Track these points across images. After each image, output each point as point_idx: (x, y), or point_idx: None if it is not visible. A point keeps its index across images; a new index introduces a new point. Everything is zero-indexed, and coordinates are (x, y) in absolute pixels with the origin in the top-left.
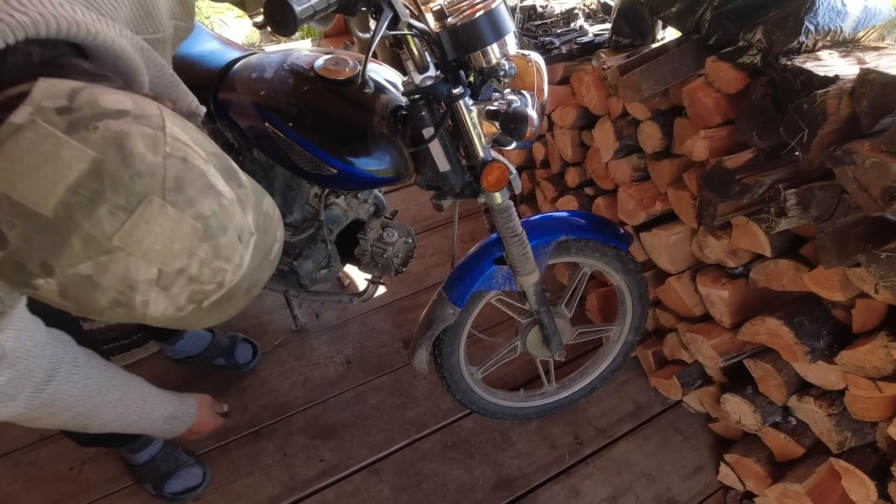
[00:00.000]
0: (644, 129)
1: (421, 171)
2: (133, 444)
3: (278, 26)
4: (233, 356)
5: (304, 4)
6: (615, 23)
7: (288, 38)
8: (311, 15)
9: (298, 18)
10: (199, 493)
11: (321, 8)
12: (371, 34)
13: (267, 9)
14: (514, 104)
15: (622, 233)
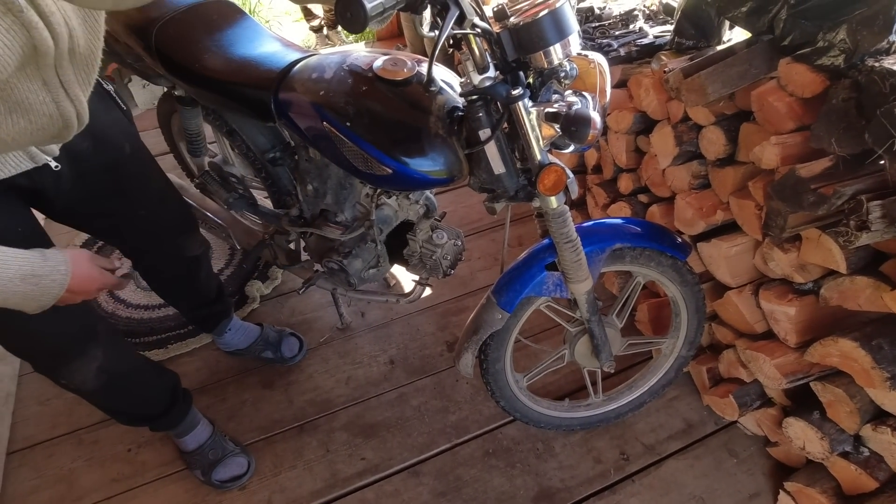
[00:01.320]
0: (707, 134)
1: (475, 173)
2: (176, 427)
3: (349, 23)
4: (279, 350)
5: (374, 2)
6: (678, 24)
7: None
8: (381, 12)
9: (369, 15)
10: (244, 482)
11: (390, 5)
12: (437, 33)
13: (338, 6)
14: (574, 106)
15: (680, 242)
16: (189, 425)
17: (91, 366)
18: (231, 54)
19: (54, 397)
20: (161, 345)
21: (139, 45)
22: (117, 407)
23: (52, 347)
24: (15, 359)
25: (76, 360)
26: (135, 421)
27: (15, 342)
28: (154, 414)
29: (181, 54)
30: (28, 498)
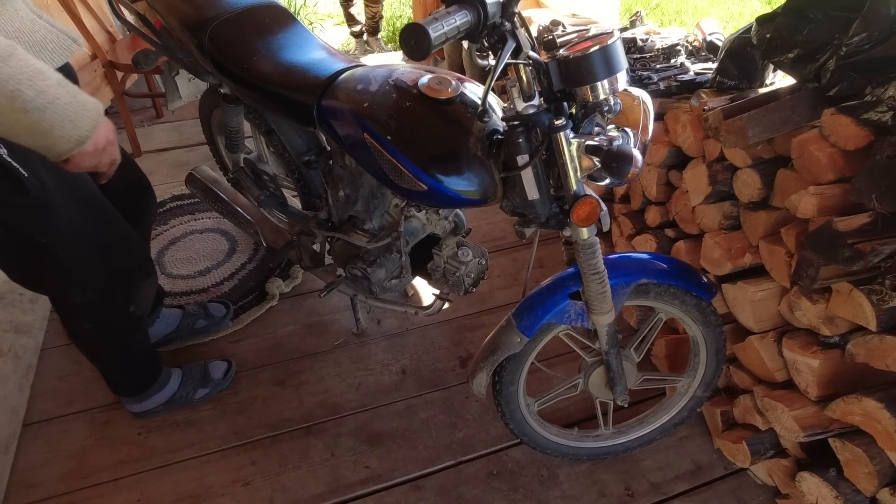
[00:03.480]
0: (742, 176)
1: (508, 197)
2: (151, 389)
3: (413, 51)
4: (209, 313)
5: (438, 31)
6: (721, 63)
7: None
8: (443, 41)
9: (433, 44)
10: (234, 374)
11: (452, 35)
12: (494, 64)
13: (404, 34)
14: (616, 141)
15: (706, 282)
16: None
17: (150, 292)
18: (279, 58)
19: (72, 374)
20: None
21: (192, 42)
22: (146, 347)
23: (138, 258)
24: (39, 331)
25: (147, 279)
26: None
27: (113, 255)
28: None
29: (232, 54)
30: (39, 471)
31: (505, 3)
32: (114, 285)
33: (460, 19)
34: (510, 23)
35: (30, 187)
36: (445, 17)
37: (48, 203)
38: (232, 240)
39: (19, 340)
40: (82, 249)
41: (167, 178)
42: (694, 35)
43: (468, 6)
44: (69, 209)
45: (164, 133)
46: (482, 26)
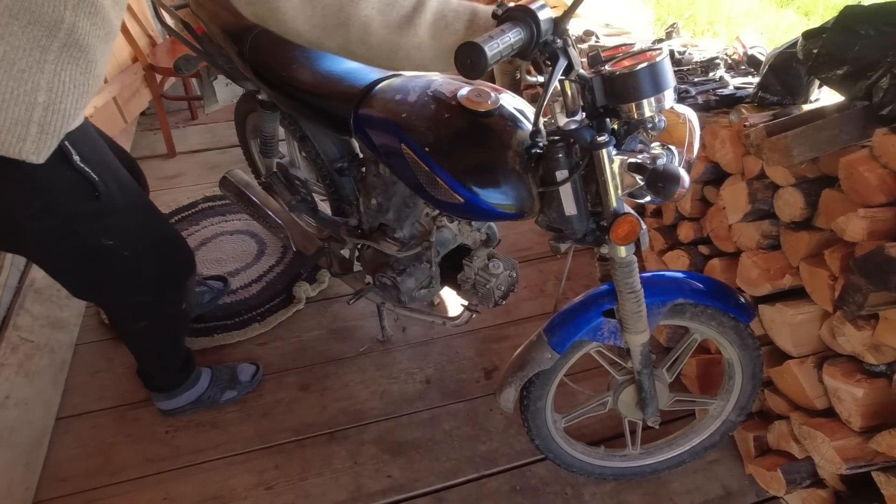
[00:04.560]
0: (784, 195)
1: (544, 212)
2: None
3: (468, 69)
4: (210, 287)
5: (494, 50)
6: (764, 78)
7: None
8: (498, 60)
9: (489, 63)
10: (260, 377)
11: (506, 53)
12: (545, 82)
13: (459, 52)
14: (660, 160)
15: (744, 304)
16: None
17: (194, 287)
18: (317, 67)
19: (104, 370)
20: (208, 333)
21: (233, 49)
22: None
23: (187, 253)
24: (74, 327)
25: (189, 278)
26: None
27: (166, 252)
28: None
29: (271, 62)
30: (69, 465)
31: (557, 21)
32: (168, 282)
33: (514, 37)
34: (562, 40)
35: (100, 192)
36: (500, 35)
37: (114, 206)
38: (261, 242)
39: (55, 336)
40: (141, 248)
41: (199, 179)
42: (734, 48)
43: (522, 24)
44: (130, 211)
45: (197, 135)
46: (534, 44)
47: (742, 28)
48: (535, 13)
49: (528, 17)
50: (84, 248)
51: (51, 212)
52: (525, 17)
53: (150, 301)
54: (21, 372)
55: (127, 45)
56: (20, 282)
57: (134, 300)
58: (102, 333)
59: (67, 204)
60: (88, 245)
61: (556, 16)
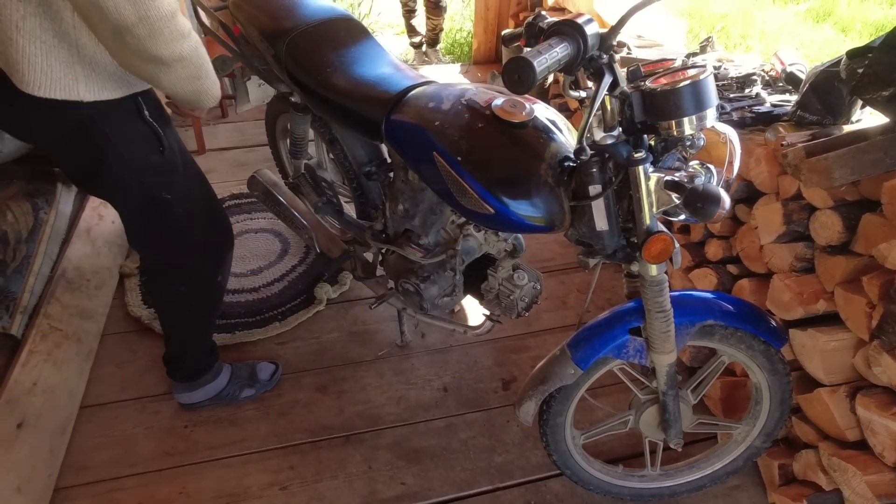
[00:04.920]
0: (820, 217)
1: (575, 226)
2: None
3: (516, 84)
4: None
5: (542, 65)
6: (804, 97)
7: (518, 94)
8: (545, 75)
9: (538, 79)
10: (279, 377)
11: (553, 68)
12: (591, 98)
13: (508, 67)
14: (697, 178)
15: (776, 328)
16: None
17: (230, 265)
18: (352, 71)
19: (128, 361)
20: (229, 329)
21: (269, 52)
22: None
23: (228, 227)
24: (101, 316)
25: (229, 252)
26: (213, 352)
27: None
28: None
29: (306, 65)
30: (91, 454)
31: (604, 36)
32: (211, 250)
33: (562, 52)
34: (608, 56)
35: (164, 147)
36: (548, 50)
37: (175, 164)
38: (284, 241)
39: (83, 325)
40: (194, 210)
41: (227, 177)
42: (771, 64)
43: (569, 39)
44: (187, 173)
45: (227, 133)
46: (580, 59)
47: (776, 43)
48: (582, 28)
49: (575, 32)
50: (148, 199)
51: (124, 160)
52: (573, 32)
53: (192, 266)
54: (49, 360)
55: None
56: (52, 271)
57: (180, 260)
58: (128, 325)
59: (137, 153)
60: (151, 196)
61: (603, 31)
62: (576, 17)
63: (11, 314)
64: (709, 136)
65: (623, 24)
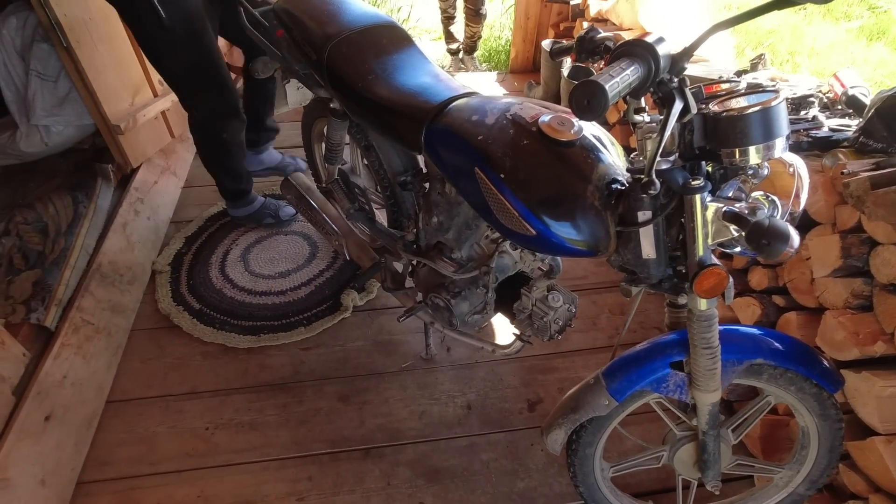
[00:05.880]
0: (883, 253)
1: (619, 252)
2: None
3: (585, 110)
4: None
5: (614, 90)
6: (868, 122)
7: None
8: (616, 100)
9: (609, 105)
10: None
11: (624, 92)
12: (660, 125)
13: (577, 92)
14: (760, 210)
15: (830, 371)
16: None
17: (239, 130)
18: (393, 80)
19: (155, 358)
20: (255, 332)
21: (311, 57)
22: (240, 166)
23: (231, 100)
24: (131, 312)
25: (236, 119)
26: (248, 180)
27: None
28: None
29: (347, 72)
30: (114, 450)
31: (675, 58)
32: (213, 114)
33: (633, 75)
34: (679, 80)
35: (166, 26)
36: (619, 73)
37: (175, 40)
38: (313, 245)
39: (114, 320)
40: (195, 78)
41: (261, 178)
42: (829, 86)
43: (640, 60)
44: (187, 48)
45: None
46: (651, 82)
47: (826, 61)
48: (655, 49)
49: (647, 53)
50: (162, 62)
51: (143, 28)
52: (644, 54)
53: (195, 118)
54: (80, 353)
55: None
56: (88, 265)
57: (189, 112)
58: (157, 321)
59: (146, 25)
60: (163, 60)
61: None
62: (645, 35)
63: (47, 306)
64: (774, 166)
65: (698, 46)
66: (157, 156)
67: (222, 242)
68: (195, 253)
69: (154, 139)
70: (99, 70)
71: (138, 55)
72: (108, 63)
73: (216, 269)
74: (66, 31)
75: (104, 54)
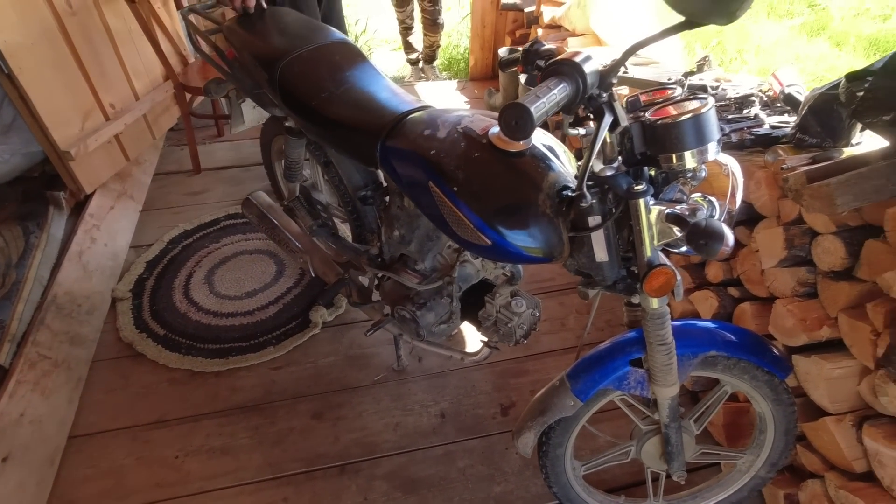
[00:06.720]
0: (823, 243)
1: (574, 256)
2: None
3: (513, 131)
4: None
5: (540, 110)
6: (803, 119)
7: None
8: (543, 119)
9: (536, 124)
10: None
11: (552, 110)
12: (591, 138)
13: (505, 113)
14: (699, 211)
15: (780, 358)
16: None
17: None
18: (347, 97)
19: (119, 389)
20: (223, 354)
21: (262, 76)
22: None
23: None
24: (92, 342)
25: None
26: None
27: None
28: None
29: (301, 90)
30: (79, 486)
31: (603, 74)
32: None
33: (560, 93)
34: (608, 94)
35: None
36: (546, 93)
37: None
38: (279, 263)
39: (73, 352)
40: None
41: (223, 196)
42: (769, 85)
43: (568, 79)
44: None
45: (223, 151)
46: (580, 98)
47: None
48: (581, 68)
49: (574, 71)
50: None
51: None
52: (572, 73)
53: None
54: (37, 389)
55: (159, 63)
56: (42, 297)
57: None
58: (120, 350)
59: None
60: None
61: (602, 69)
62: (574, 55)
63: None
64: (711, 168)
65: (622, 64)
66: (113, 180)
67: (185, 265)
68: (157, 277)
69: (108, 163)
70: (45, 96)
71: (87, 79)
72: (55, 88)
73: (180, 293)
74: (7, 58)
75: (50, 79)
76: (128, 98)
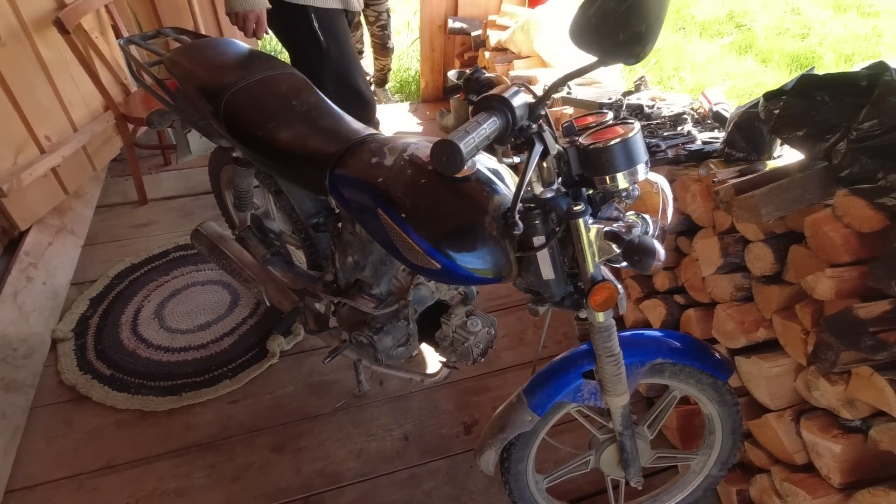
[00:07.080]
0: (754, 249)
1: (522, 275)
2: None
3: (444, 166)
4: None
5: (469, 145)
6: (729, 135)
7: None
8: (474, 153)
9: (465, 159)
10: None
11: (482, 144)
12: (523, 168)
13: (435, 149)
14: (635, 228)
15: (721, 361)
16: None
17: None
18: (294, 126)
19: (61, 436)
20: (175, 391)
21: (207, 108)
22: None
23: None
24: (30, 388)
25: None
26: None
27: None
28: None
29: (247, 121)
30: None
31: (532, 106)
32: None
33: (490, 128)
34: (537, 125)
35: (323, 49)
36: (476, 128)
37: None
38: (234, 293)
39: (9, 399)
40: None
41: (172, 227)
42: (699, 103)
43: (497, 113)
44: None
45: (171, 181)
46: (510, 131)
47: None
48: (510, 102)
49: (503, 106)
50: (319, 76)
51: (304, 49)
52: (501, 107)
53: None
54: None
55: (98, 94)
56: None
57: None
58: (62, 394)
59: (309, 46)
60: (319, 74)
61: (531, 101)
62: (503, 90)
63: None
64: (643, 187)
65: (549, 97)
66: (50, 215)
67: (133, 300)
68: (102, 315)
69: (45, 198)
70: None
71: (19, 112)
72: None
73: (127, 330)
74: None
75: None
76: (65, 130)
